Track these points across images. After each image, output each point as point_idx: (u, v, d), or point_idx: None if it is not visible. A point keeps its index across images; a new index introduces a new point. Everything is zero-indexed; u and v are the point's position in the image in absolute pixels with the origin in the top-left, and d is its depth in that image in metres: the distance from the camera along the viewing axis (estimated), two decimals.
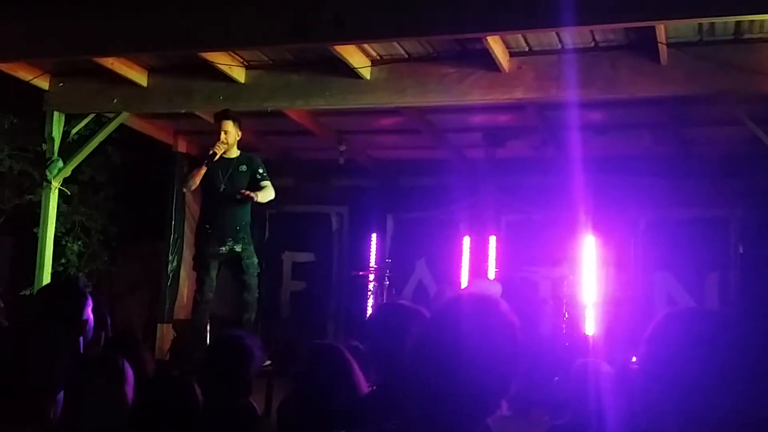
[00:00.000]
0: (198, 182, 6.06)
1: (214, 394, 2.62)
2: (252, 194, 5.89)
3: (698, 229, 8.10)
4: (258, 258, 6.19)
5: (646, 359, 1.64)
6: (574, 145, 6.78)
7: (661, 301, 8.15)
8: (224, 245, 5.99)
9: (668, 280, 8.19)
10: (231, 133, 6.01)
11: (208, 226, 6.08)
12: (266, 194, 6.05)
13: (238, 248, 5.99)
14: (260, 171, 6.11)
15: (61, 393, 2.04)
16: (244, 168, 6.08)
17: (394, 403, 1.79)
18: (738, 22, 5.09)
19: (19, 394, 1.95)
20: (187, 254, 8.92)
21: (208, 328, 6.25)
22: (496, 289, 7.10)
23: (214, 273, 6.06)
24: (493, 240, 8.37)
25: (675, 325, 1.65)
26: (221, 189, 6.01)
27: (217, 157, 5.95)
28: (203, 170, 5.99)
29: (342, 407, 2.37)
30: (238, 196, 5.87)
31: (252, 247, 6.14)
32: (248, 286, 6.04)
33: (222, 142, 5.95)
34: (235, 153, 6.13)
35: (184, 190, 6.33)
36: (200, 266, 6.11)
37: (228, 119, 6.00)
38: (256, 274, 6.12)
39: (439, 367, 1.54)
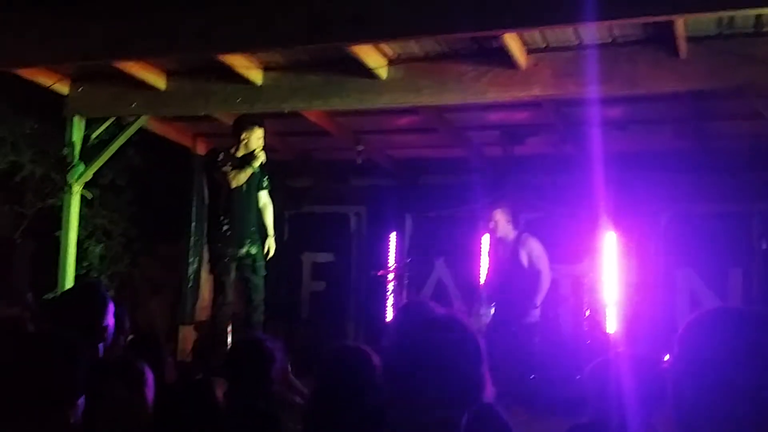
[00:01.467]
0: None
1: (236, 397, 2.62)
2: (270, 248, 6.19)
3: (720, 224, 8.03)
4: (265, 261, 6.25)
5: (678, 359, 1.61)
6: (594, 142, 6.74)
7: (683, 298, 8.08)
8: (243, 247, 6.04)
9: (690, 276, 8.12)
10: (262, 140, 6.16)
11: (227, 228, 6.10)
12: (270, 218, 6.32)
13: (253, 250, 6.08)
14: (266, 179, 6.31)
15: (82, 398, 2.05)
16: (258, 169, 6.15)
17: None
18: (758, 15, 5.01)
19: (40, 400, 1.97)
20: (207, 256, 8.97)
21: (230, 329, 6.28)
22: None
23: (234, 274, 6.10)
24: None
25: (709, 324, 1.61)
26: (242, 189, 6.07)
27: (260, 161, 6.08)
28: (250, 171, 6.05)
29: (366, 409, 2.36)
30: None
31: (262, 248, 6.22)
32: (257, 287, 6.09)
33: (259, 152, 6.06)
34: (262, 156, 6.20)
35: (233, 185, 6.25)
36: (220, 268, 6.13)
37: (261, 127, 6.14)
38: (263, 275, 6.17)
39: (410, 377, 1.75)
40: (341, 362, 2.66)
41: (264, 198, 6.33)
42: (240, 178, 6.03)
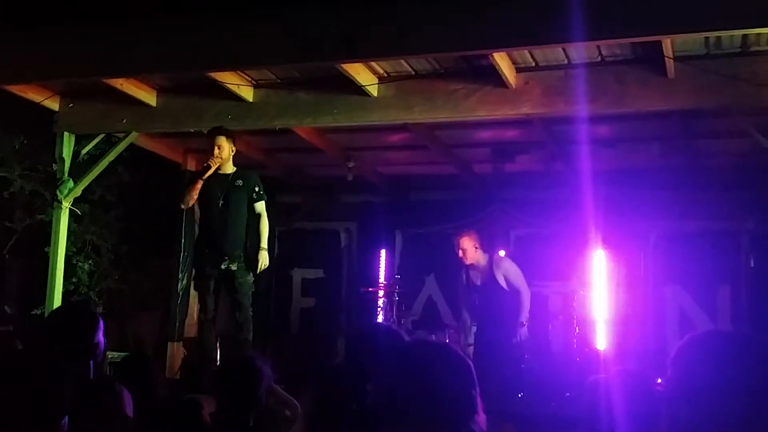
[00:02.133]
0: (195, 197, 5.99)
1: (224, 416, 2.61)
2: (261, 264, 5.93)
3: (709, 242, 8.07)
4: (255, 277, 6.06)
5: (671, 383, 1.62)
6: (583, 159, 6.78)
7: (673, 315, 8.11)
8: (221, 263, 5.89)
9: (679, 293, 8.15)
10: (225, 148, 5.93)
11: (205, 245, 6.05)
12: (264, 230, 6.04)
13: (233, 267, 5.88)
14: (257, 189, 6.03)
15: (66, 419, 2.05)
16: (240, 183, 5.99)
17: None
18: (745, 35, 5.09)
19: (25, 420, 1.96)
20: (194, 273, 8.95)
21: (218, 346, 6.24)
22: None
23: (212, 292, 6.01)
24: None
25: (700, 348, 1.63)
26: (219, 205, 5.95)
27: (211, 170, 5.87)
28: (199, 185, 5.91)
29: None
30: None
31: (247, 265, 6.02)
32: (240, 305, 5.92)
33: (216, 156, 5.88)
34: (230, 169, 6.04)
35: (182, 206, 6.30)
36: (200, 286, 6.09)
37: (221, 134, 5.95)
38: (250, 293, 6.01)
39: (404, 401, 1.79)
40: (335, 382, 2.66)
41: (258, 208, 6.07)
42: (191, 195, 5.96)
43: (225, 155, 5.95)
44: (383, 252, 9.13)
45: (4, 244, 8.31)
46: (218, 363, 6.20)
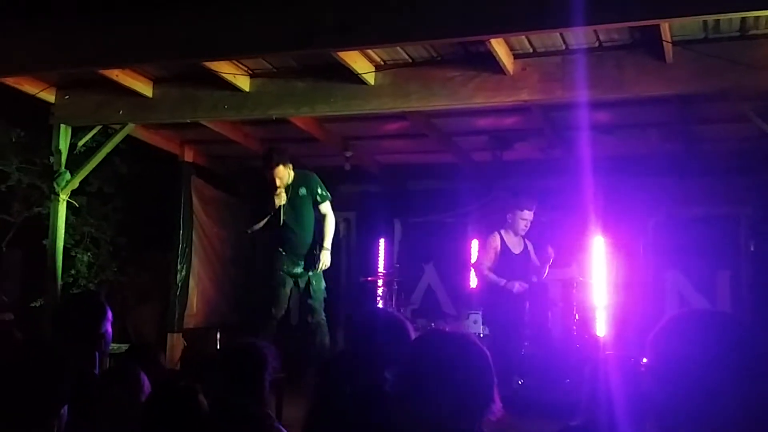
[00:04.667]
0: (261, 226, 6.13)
1: (223, 402, 2.60)
2: (321, 264, 6.04)
3: (708, 227, 8.06)
4: (326, 282, 6.26)
5: (652, 361, 1.64)
6: (582, 146, 6.76)
7: (672, 301, 8.11)
8: (298, 267, 6.10)
9: (679, 279, 8.15)
10: (284, 175, 6.03)
11: (281, 249, 6.18)
12: (328, 230, 6.15)
13: (309, 273, 6.04)
14: (319, 191, 6.14)
15: (65, 408, 2.04)
16: (303, 191, 6.08)
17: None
18: (743, 18, 5.05)
19: (23, 407, 1.96)
20: (196, 263, 8.94)
21: (217, 337, 6.26)
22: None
23: (288, 290, 6.12)
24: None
25: (680, 326, 1.65)
26: (281, 222, 6.06)
27: (281, 202, 6.01)
28: (267, 218, 6.04)
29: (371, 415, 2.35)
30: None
31: (320, 271, 6.16)
32: (313, 310, 6.12)
33: (279, 189, 5.97)
34: (291, 177, 6.14)
35: (249, 231, 6.37)
36: (275, 282, 6.16)
37: (277, 165, 5.99)
38: (322, 298, 6.18)
39: (424, 391, 1.81)
40: (340, 366, 2.65)
41: (323, 209, 6.21)
42: (254, 226, 6.16)
43: (286, 181, 6.04)
44: (382, 241, 9.13)
45: (3, 237, 8.30)
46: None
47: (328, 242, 6.12)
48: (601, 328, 7.49)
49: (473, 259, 8.04)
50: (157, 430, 2.26)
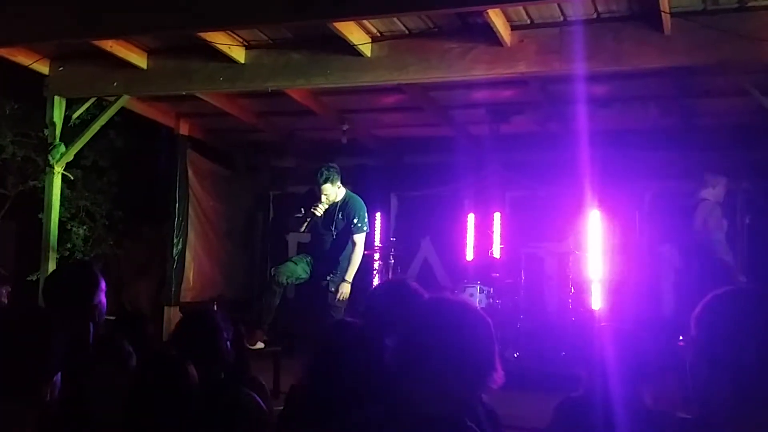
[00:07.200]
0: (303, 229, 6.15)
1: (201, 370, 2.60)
2: (338, 295, 5.94)
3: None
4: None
5: (695, 340, 1.63)
6: (579, 120, 6.73)
7: (667, 275, 8.13)
8: (304, 272, 6.09)
9: (674, 253, 8.15)
10: (330, 193, 5.96)
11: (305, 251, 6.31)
12: (354, 262, 6.05)
13: (332, 287, 5.98)
14: (355, 221, 6.05)
15: (59, 375, 2.03)
16: (340, 216, 6.03)
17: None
18: None
19: (14, 375, 1.95)
20: (192, 237, 8.94)
21: (215, 309, 6.25)
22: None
23: (301, 266, 6.10)
24: (497, 216, 8.34)
25: (725, 305, 1.64)
26: (325, 231, 6.07)
27: (319, 214, 5.97)
28: (306, 223, 6.03)
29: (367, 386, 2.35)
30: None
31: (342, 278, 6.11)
32: (336, 311, 6.02)
33: (321, 204, 5.93)
34: (340, 196, 6.10)
35: (299, 231, 6.35)
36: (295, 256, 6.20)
37: (326, 183, 5.92)
38: (342, 307, 6.07)
39: (427, 358, 1.78)
40: (341, 338, 2.64)
41: (356, 239, 6.09)
42: (297, 227, 6.16)
43: (333, 198, 6.01)
44: (378, 215, 9.11)
45: None
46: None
47: (350, 275, 5.99)
48: (597, 301, 7.51)
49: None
50: (146, 399, 2.26)
